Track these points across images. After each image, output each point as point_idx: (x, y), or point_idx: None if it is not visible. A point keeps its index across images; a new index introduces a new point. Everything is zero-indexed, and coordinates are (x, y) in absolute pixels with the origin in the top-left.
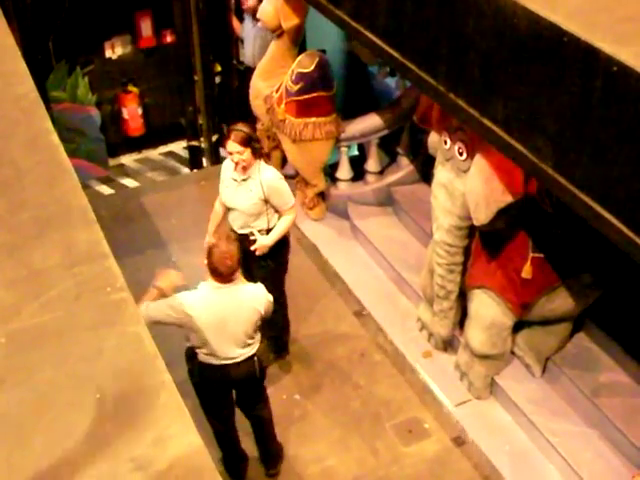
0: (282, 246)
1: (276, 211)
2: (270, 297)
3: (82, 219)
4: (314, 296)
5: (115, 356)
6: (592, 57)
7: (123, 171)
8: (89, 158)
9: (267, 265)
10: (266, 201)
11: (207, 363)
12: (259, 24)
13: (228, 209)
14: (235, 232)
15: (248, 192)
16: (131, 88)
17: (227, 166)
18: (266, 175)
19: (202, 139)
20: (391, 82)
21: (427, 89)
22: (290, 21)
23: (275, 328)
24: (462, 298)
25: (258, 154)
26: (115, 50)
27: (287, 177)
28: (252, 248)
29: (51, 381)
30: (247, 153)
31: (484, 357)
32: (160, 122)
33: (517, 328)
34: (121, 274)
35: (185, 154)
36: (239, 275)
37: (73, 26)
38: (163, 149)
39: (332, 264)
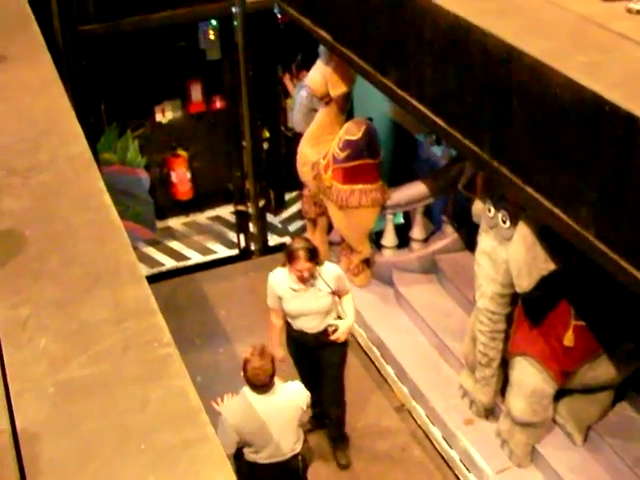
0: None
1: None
2: (308, 392)
3: (131, 276)
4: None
5: (160, 408)
6: (633, 126)
7: (170, 234)
8: (137, 220)
9: (342, 347)
10: (334, 292)
11: (253, 462)
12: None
13: (293, 317)
14: (308, 334)
15: (317, 292)
16: (180, 152)
17: (279, 280)
18: (328, 269)
19: (249, 204)
20: (437, 151)
21: (471, 157)
22: (338, 89)
23: (340, 407)
24: (504, 365)
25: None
26: (165, 114)
27: (332, 243)
28: (335, 337)
29: (97, 431)
30: (313, 264)
31: (525, 425)
32: (208, 186)
33: (559, 396)
34: (168, 330)
35: (232, 219)
36: (274, 381)
37: (125, 90)
38: (210, 213)
39: (375, 330)
